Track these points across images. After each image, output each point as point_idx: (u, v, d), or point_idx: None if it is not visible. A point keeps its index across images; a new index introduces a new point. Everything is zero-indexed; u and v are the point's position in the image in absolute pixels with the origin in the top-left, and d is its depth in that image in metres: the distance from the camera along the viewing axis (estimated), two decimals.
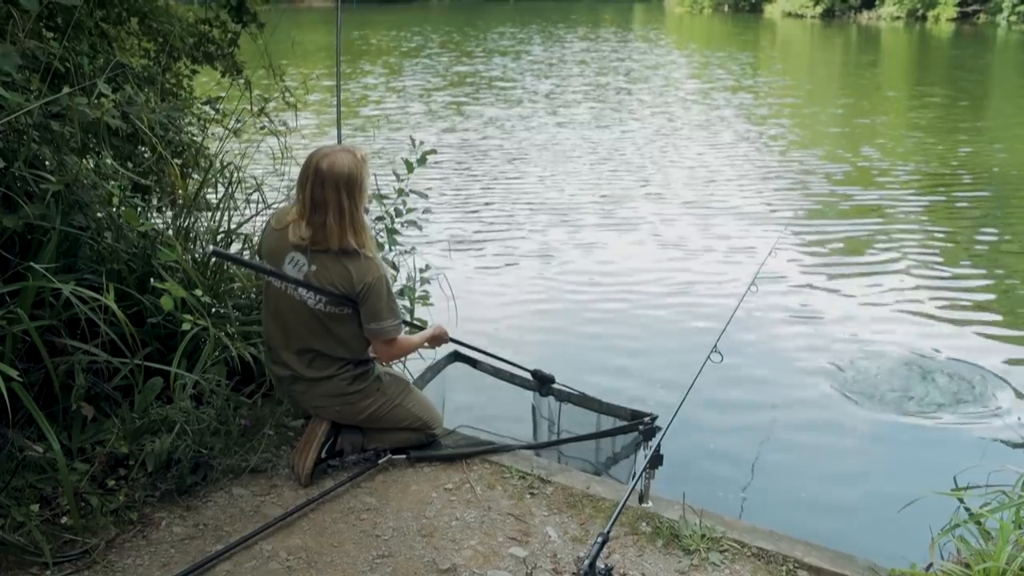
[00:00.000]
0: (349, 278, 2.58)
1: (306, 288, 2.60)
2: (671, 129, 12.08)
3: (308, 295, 2.61)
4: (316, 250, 2.58)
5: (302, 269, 2.60)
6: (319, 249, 2.57)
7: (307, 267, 2.59)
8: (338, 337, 2.69)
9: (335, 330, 2.68)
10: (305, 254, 2.59)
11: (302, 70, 14.82)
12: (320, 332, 2.67)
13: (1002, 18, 32.40)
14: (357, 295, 2.60)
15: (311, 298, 2.61)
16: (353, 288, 2.59)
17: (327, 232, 2.53)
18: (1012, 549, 2.14)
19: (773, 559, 2.45)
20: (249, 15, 4.11)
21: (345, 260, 2.58)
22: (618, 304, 5.53)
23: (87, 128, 2.99)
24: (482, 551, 2.47)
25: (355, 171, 2.52)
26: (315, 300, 2.61)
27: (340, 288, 2.59)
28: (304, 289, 2.60)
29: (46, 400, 2.63)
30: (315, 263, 2.59)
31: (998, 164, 9.70)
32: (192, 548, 2.43)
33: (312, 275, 2.59)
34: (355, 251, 2.57)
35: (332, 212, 2.51)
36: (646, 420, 3.05)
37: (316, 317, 2.64)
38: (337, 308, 2.64)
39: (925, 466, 3.60)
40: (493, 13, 43.73)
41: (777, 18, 39.77)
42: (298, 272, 2.60)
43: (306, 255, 2.59)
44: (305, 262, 2.59)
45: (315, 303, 2.62)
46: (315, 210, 2.52)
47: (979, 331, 5.08)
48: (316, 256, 2.58)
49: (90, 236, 2.93)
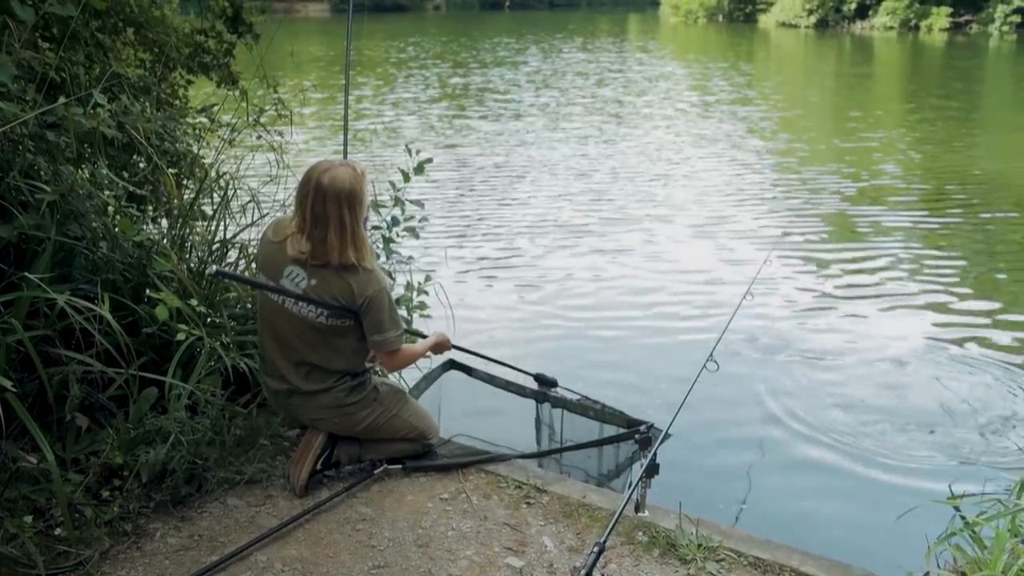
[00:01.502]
0: (351, 291, 2.58)
1: (306, 302, 2.60)
2: (670, 141, 12.11)
3: (308, 309, 2.61)
4: (316, 265, 2.58)
5: (300, 283, 2.59)
6: (319, 264, 2.57)
7: (306, 281, 2.59)
8: (337, 350, 2.69)
9: (334, 343, 2.68)
10: (304, 268, 2.59)
11: (298, 81, 14.85)
12: (319, 345, 2.67)
13: (994, 28, 32.65)
14: (359, 308, 2.60)
15: (311, 312, 2.61)
16: (355, 301, 2.59)
17: (328, 247, 2.54)
18: (1008, 557, 2.14)
19: (770, 568, 2.44)
20: (245, 26, 4.12)
21: (345, 274, 2.58)
22: (615, 313, 5.53)
23: (83, 138, 2.99)
24: (478, 561, 2.46)
25: (356, 186, 2.53)
26: (316, 313, 2.61)
27: (341, 301, 2.59)
28: (304, 303, 2.60)
29: (40, 411, 2.62)
30: (315, 277, 2.58)
31: (998, 175, 9.74)
32: (187, 559, 2.42)
33: (312, 289, 2.58)
34: (354, 265, 2.58)
35: (333, 227, 2.51)
36: (642, 429, 3.04)
37: (315, 330, 2.64)
38: (338, 321, 2.64)
39: (923, 475, 3.60)
40: (489, 22, 43.95)
41: (771, 28, 39.99)
42: (296, 286, 2.60)
43: (305, 269, 2.59)
44: (304, 276, 2.59)
45: (316, 316, 2.61)
46: (316, 225, 2.53)
47: (976, 339, 5.09)
48: (316, 271, 2.58)
49: (85, 246, 2.93)
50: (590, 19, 49.99)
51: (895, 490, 3.46)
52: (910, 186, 9.27)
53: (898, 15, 35.29)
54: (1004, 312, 5.56)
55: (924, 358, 4.81)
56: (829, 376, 4.57)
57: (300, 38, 28.03)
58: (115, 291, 2.89)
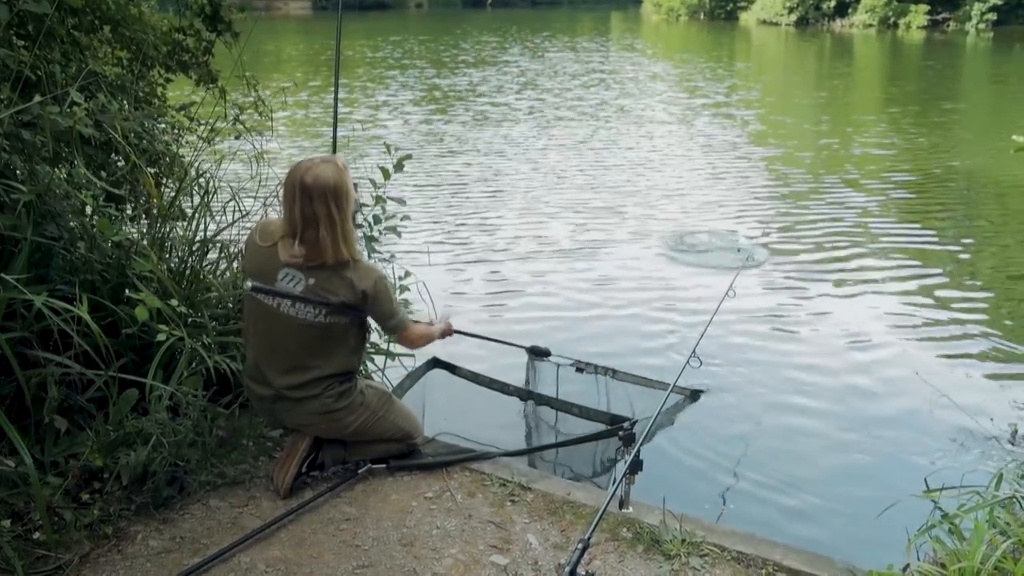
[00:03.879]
0: (351, 286, 2.59)
1: (304, 302, 2.59)
2: (655, 140, 12.13)
3: (307, 310, 2.59)
4: (312, 266, 2.57)
5: (297, 286, 2.58)
6: (315, 265, 2.57)
7: (303, 283, 2.58)
8: (335, 350, 2.68)
9: (332, 343, 2.66)
10: (300, 271, 2.58)
11: (279, 82, 14.77)
12: (316, 347, 2.64)
13: (971, 26, 33.01)
14: (363, 301, 2.61)
15: (310, 312, 2.59)
16: (356, 295, 2.60)
17: (321, 247, 2.53)
18: (986, 548, 2.17)
19: (753, 563, 2.46)
20: (224, 24, 4.08)
21: (342, 271, 2.59)
22: (598, 311, 5.54)
23: (59, 137, 2.95)
24: (463, 560, 2.46)
25: (340, 180, 2.52)
26: (315, 313, 2.60)
27: (342, 297, 2.59)
28: (302, 304, 2.59)
29: (18, 413, 2.58)
30: (312, 277, 2.58)
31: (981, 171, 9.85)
32: (169, 561, 2.40)
33: (310, 288, 2.58)
34: (347, 261, 2.58)
35: (324, 225, 2.51)
36: (625, 426, 3.05)
37: (313, 332, 2.61)
38: (337, 318, 2.63)
39: (902, 468, 3.65)
40: (472, 21, 43.82)
41: (752, 26, 40.17)
42: (293, 288, 2.59)
43: (302, 271, 2.58)
44: (301, 277, 2.58)
45: (315, 316, 2.60)
46: (307, 226, 2.52)
47: (954, 335, 5.16)
48: (312, 272, 2.58)
49: (63, 246, 2.89)
50: (573, 17, 50.01)
51: (877, 484, 3.50)
52: (903, 181, 9.35)
53: (877, 13, 35.59)
54: (983, 303, 5.64)
55: (904, 352, 4.86)
56: (810, 373, 4.61)
57: (280, 36, 27.81)
58: (94, 292, 2.85)
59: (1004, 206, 8.51)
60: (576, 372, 3.53)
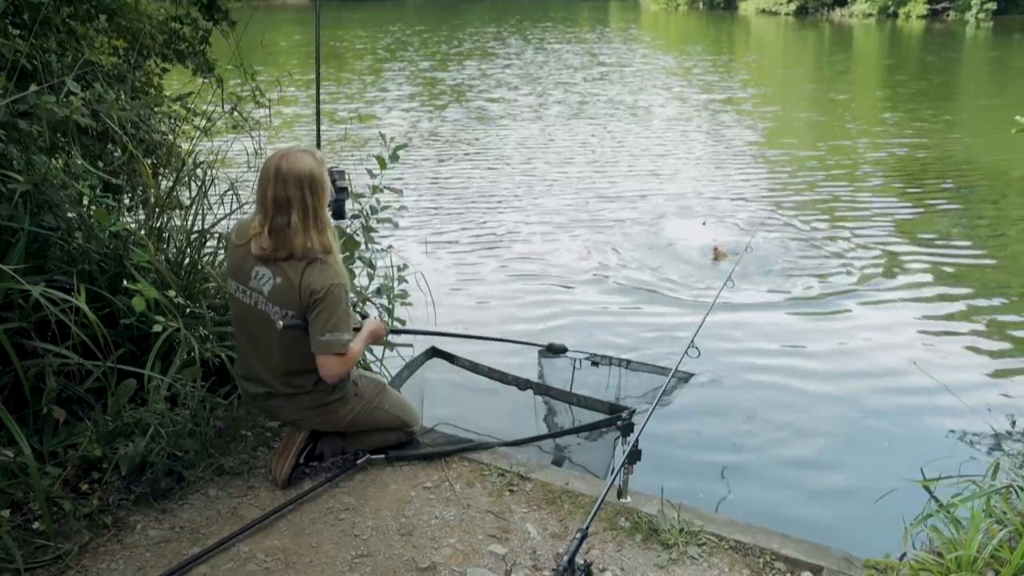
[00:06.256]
0: (309, 284, 2.48)
1: (273, 303, 2.53)
2: (656, 131, 12.11)
3: (275, 310, 2.53)
4: (279, 259, 2.50)
5: (266, 285, 2.53)
6: (282, 257, 2.50)
7: (271, 281, 2.52)
8: (308, 350, 2.59)
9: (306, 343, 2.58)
10: (268, 266, 2.52)
11: (274, 72, 14.68)
12: (295, 346, 2.58)
13: (970, 15, 32.92)
14: (311, 300, 2.48)
15: (277, 312, 2.53)
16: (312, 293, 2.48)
17: (291, 233, 2.46)
18: (983, 537, 2.18)
19: (750, 551, 2.47)
20: (220, 13, 4.06)
21: (307, 267, 2.49)
22: (597, 304, 5.54)
23: (56, 127, 2.94)
24: (461, 549, 2.46)
25: (316, 170, 2.48)
26: (281, 314, 2.53)
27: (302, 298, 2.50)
28: (271, 304, 2.53)
29: (16, 404, 2.58)
30: (279, 275, 2.51)
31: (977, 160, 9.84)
32: (168, 551, 2.41)
33: (278, 288, 2.51)
34: (315, 258, 2.50)
35: (296, 210, 2.44)
36: (624, 415, 3.05)
37: (290, 332, 2.55)
38: (303, 320, 2.54)
39: (900, 458, 3.65)
40: (469, 11, 43.59)
41: (751, 15, 40.05)
42: (263, 287, 2.53)
43: (269, 267, 2.51)
44: (269, 275, 2.52)
45: (284, 318, 2.53)
46: (279, 210, 2.45)
47: (951, 329, 5.16)
48: (279, 267, 2.50)
49: (60, 237, 2.89)
50: (570, 6, 49.75)
51: (874, 473, 3.50)
52: (902, 173, 9.35)
53: (877, 2, 35.48)
54: (982, 295, 5.64)
55: (903, 342, 4.87)
56: (808, 362, 4.61)
57: (278, 26, 27.67)
58: (91, 282, 2.85)
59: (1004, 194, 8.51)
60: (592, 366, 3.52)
